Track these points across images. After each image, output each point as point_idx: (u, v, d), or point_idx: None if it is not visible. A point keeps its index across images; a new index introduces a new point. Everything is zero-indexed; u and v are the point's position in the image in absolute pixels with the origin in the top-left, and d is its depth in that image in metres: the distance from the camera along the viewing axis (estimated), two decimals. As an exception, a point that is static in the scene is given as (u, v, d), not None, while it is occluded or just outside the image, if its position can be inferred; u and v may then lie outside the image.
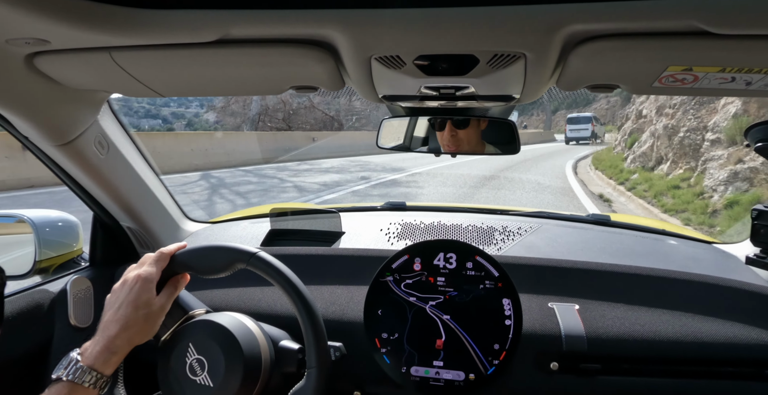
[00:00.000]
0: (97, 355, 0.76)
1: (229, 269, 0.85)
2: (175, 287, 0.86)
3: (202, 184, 10.25)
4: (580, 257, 1.25)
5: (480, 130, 1.25)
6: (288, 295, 0.83)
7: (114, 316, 0.79)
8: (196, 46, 0.66)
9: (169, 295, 0.84)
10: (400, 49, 0.65)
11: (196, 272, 0.86)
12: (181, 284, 0.88)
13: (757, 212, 1.01)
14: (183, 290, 0.90)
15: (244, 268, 0.85)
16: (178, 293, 0.88)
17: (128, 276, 0.84)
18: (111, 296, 0.83)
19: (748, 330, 1.04)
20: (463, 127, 1.23)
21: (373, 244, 1.39)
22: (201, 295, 1.19)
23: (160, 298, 0.83)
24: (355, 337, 1.05)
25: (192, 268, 0.86)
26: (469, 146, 1.26)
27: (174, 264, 0.86)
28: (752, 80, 0.69)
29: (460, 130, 1.23)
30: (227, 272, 0.86)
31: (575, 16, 0.54)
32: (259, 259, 0.84)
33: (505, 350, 1.00)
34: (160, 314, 0.83)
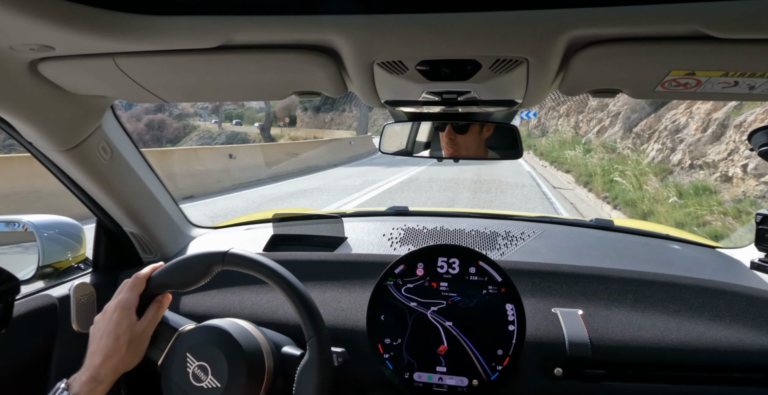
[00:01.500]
0: (82, 385, 0.77)
1: (207, 275, 0.85)
2: (157, 309, 0.86)
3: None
4: (583, 262, 1.24)
5: (482, 137, 1.25)
6: (271, 280, 0.83)
7: (97, 347, 0.81)
8: (199, 52, 0.67)
9: (152, 318, 0.84)
10: (402, 55, 0.65)
11: (176, 288, 0.86)
12: (164, 305, 0.87)
13: (762, 216, 1.01)
14: (168, 310, 0.90)
15: (222, 269, 0.85)
16: (163, 314, 0.88)
17: (108, 306, 0.85)
18: (93, 327, 0.84)
19: (754, 336, 1.04)
20: (462, 132, 1.23)
21: (376, 249, 1.38)
22: (200, 303, 1.19)
23: (142, 322, 0.83)
24: (358, 343, 1.05)
25: (170, 285, 0.86)
26: (468, 151, 1.26)
27: (151, 286, 0.86)
28: (755, 84, 0.69)
29: (459, 135, 1.23)
30: (206, 278, 0.86)
31: (577, 21, 0.54)
32: (232, 255, 0.84)
33: (508, 356, 1.00)
34: (143, 338, 0.83)
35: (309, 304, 0.83)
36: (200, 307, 1.18)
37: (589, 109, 18.65)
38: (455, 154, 1.26)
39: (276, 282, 0.83)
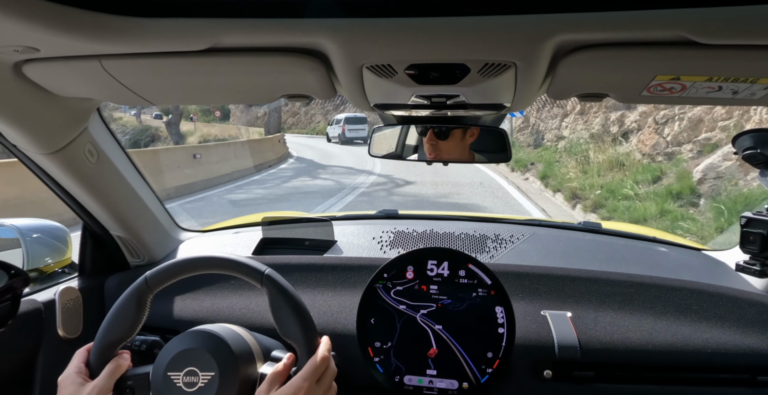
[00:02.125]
0: None
1: (143, 308, 0.85)
2: (114, 366, 0.82)
3: None
4: (571, 265, 1.25)
5: (465, 142, 1.25)
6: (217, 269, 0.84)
7: None
8: (187, 55, 0.66)
9: (108, 375, 0.80)
10: (391, 58, 0.65)
11: (123, 338, 0.84)
12: (121, 362, 0.83)
13: (746, 219, 1.02)
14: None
15: (152, 295, 0.85)
16: (125, 369, 0.84)
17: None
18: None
19: (740, 337, 1.05)
20: (443, 138, 1.23)
21: (366, 252, 1.38)
22: (188, 308, 1.18)
23: (97, 381, 0.79)
24: (349, 346, 1.05)
25: (116, 341, 0.83)
26: (451, 155, 1.27)
27: (98, 357, 0.83)
28: (738, 89, 0.70)
29: (441, 141, 1.24)
30: (144, 310, 0.85)
31: (564, 26, 0.55)
32: (154, 277, 0.84)
33: (498, 358, 1.00)
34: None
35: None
36: (188, 312, 1.17)
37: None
38: (438, 158, 1.27)
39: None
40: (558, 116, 15.08)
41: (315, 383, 0.76)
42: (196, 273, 0.85)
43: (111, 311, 0.85)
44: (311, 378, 0.76)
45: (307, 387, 0.74)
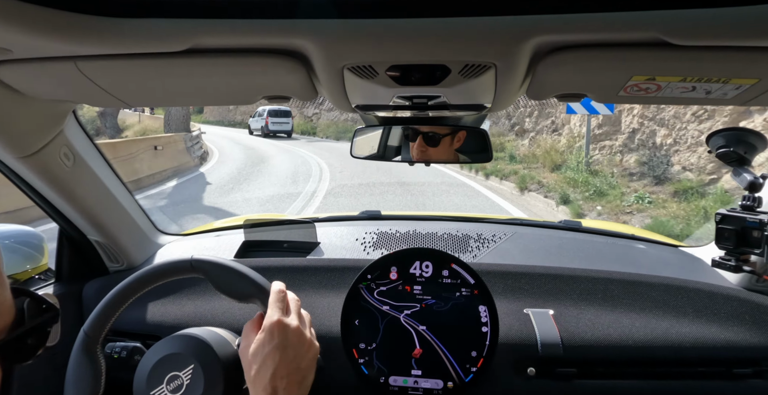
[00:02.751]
0: None
1: (98, 364, 0.81)
2: None
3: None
4: (553, 263, 1.27)
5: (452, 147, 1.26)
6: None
7: None
8: (165, 56, 0.65)
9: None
10: (372, 59, 0.65)
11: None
12: None
13: (721, 216, 1.05)
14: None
15: (99, 348, 0.81)
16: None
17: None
18: None
19: (716, 331, 1.07)
20: (434, 145, 1.23)
21: (349, 254, 1.38)
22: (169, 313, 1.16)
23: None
24: (334, 348, 1.04)
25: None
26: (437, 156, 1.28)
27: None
28: (711, 89, 0.71)
29: (431, 148, 1.24)
30: (100, 369, 0.81)
31: (542, 27, 0.55)
32: (93, 329, 0.81)
33: (482, 357, 1.01)
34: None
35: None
36: (169, 317, 1.15)
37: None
38: (425, 158, 1.27)
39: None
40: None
41: (285, 314, 0.74)
42: (133, 298, 0.82)
43: (66, 378, 0.81)
44: (278, 310, 0.74)
45: (277, 320, 0.72)
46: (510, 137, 15.29)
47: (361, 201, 8.46)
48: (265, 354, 0.70)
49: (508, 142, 14.90)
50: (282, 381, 0.69)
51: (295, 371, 0.71)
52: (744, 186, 0.99)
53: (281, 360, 0.70)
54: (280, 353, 0.70)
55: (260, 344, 0.71)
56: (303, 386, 0.72)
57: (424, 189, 9.51)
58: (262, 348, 0.71)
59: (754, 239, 0.99)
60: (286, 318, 0.73)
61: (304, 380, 0.72)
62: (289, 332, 0.72)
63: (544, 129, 14.19)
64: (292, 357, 0.71)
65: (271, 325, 0.72)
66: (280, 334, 0.71)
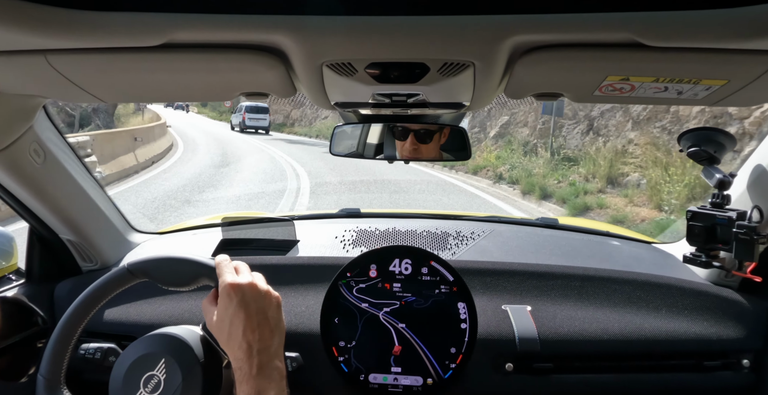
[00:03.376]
0: None
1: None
2: None
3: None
4: (530, 260, 1.28)
5: (438, 142, 1.27)
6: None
7: None
8: (140, 51, 0.64)
9: None
10: (351, 57, 0.65)
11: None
12: None
13: (692, 213, 1.08)
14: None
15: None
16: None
17: None
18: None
19: (687, 325, 1.10)
20: (424, 142, 1.25)
21: (329, 252, 1.38)
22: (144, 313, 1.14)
23: None
24: (313, 346, 1.04)
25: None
26: (424, 155, 1.28)
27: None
28: (683, 90, 0.73)
29: (422, 144, 1.25)
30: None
31: (520, 26, 0.56)
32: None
33: (461, 353, 1.02)
34: None
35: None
36: (145, 317, 1.13)
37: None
38: (412, 157, 1.28)
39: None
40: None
41: (236, 278, 0.75)
42: (83, 323, 0.79)
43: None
44: (227, 274, 0.75)
45: (229, 282, 0.73)
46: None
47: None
48: (230, 315, 0.71)
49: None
50: (254, 334, 0.70)
51: (264, 321, 0.72)
52: (714, 184, 1.02)
53: (246, 316, 0.71)
54: (244, 309, 0.71)
55: (222, 309, 0.73)
56: (277, 333, 0.73)
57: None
58: (225, 311, 0.72)
59: (723, 235, 1.02)
60: (237, 279, 0.74)
61: (276, 327, 0.73)
62: (245, 288, 0.73)
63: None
64: (256, 310, 0.72)
65: (225, 288, 0.73)
66: (237, 293, 0.72)
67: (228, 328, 0.71)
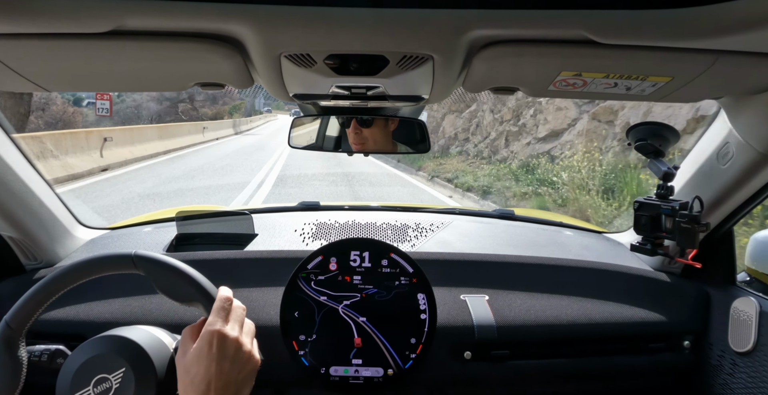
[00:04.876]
0: None
1: (17, 362, 0.75)
2: None
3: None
4: (488, 250, 1.31)
5: (388, 130, 1.27)
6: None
7: None
8: (88, 37, 0.61)
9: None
10: (310, 48, 0.64)
11: None
12: None
13: (639, 203, 1.12)
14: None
15: (23, 340, 0.76)
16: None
17: None
18: None
19: (634, 310, 1.16)
20: (367, 126, 1.24)
21: (288, 245, 1.36)
22: (94, 311, 1.09)
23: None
24: (274, 341, 1.03)
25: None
26: (377, 145, 1.28)
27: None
28: (631, 86, 0.76)
29: (365, 128, 1.25)
30: (20, 367, 0.75)
31: (478, 21, 0.57)
32: (16, 319, 0.75)
33: (421, 343, 1.03)
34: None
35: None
36: (96, 316, 1.09)
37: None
38: (364, 148, 1.27)
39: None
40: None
41: (226, 323, 0.71)
42: (65, 290, 0.76)
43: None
44: (220, 318, 0.71)
45: (218, 329, 0.69)
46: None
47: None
48: (201, 364, 0.67)
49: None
50: (216, 393, 0.66)
51: (230, 384, 0.68)
52: (659, 176, 1.07)
53: (217, 372, 0.67)
54: (216, 365, 0.67)
55: (197, 353, 0.68)
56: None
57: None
58: (197, 357, 0.68)
59: (666, 224, 1.07)
60: (226, 328, 0.70)
61: (238, 393, 0.69)
62: (228, 343, 0.69)
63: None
64: (228, 370, 0.68)
65: (210, 334, 0.69)
66: (219, 344, 0.68)
67: (193, 376, 0.67)
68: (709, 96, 0.88)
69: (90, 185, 9.37)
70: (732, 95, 0.90)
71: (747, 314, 1.07)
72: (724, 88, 0.83)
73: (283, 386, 1.06)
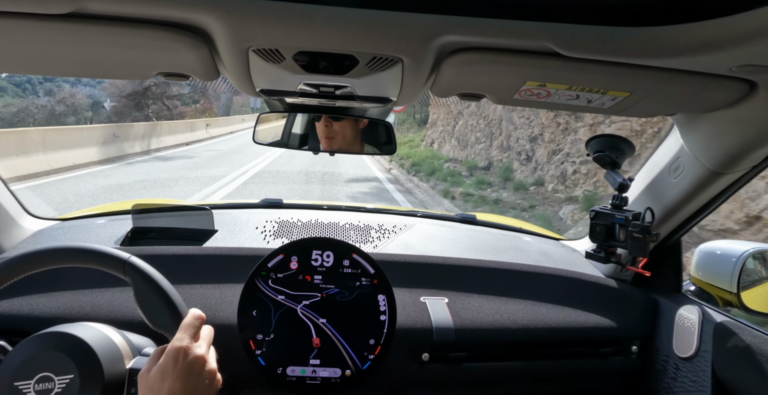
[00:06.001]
0: None
1: None
2: None
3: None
4: (449, 254, 1.33)
5: (358, 127, 1.27)
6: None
7: None
8: (45, 18, 0.58)
9: None
10: (279, 43, 0.63)
11: None
12: None
13: (595, 213, 1.16)
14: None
15: None
16: None
17: None
18: None
19: (587, 316, 1.20)
20: (338, 120, 1.24)
21: (248, 243, 1.34)
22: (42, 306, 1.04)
23: None
24: (230, 339, 1.01)
25: None
26: (345, 144, 1.28)
27: None
28: (592, 99, 0.79)
29: (336, 122, 1.24)
30: None
31: (449, 27, 0.57)
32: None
33: (380, 345, 1.03)
34: None
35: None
36: (42, 311, 1.04)
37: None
38: (332, 146, 1.27)
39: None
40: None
41: (194, 338, 0.71)
42: (45, 268, 0.74)
43: None
44: (188, 335, 0.70)
45: (185, 346, 0.69)
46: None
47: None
48: (166, 381, 0.66)
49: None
50: None
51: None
52: (615, 187, 1.11)
53: (181, 390, 0.66)
54: (181, 382, 0.66)
55: (162, 369, 0.67)
56: None
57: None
58: (162, 374, 0.67)
59: (620, 234, 1.11)
60: (193, 345, 0.70)
61: None
62: (195, 360, 0.68)
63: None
64: (193, 387, 0.67)
65: (176, 350, 0.68)
66: (184, 361, 0.68)
67: (156, 392, 0.66)
68: (664, 112, 0.92)
69: None
70: (685, 112, 0.94)
71: (691, 321, 1.12)
72: (678, 105, 0.87)
73: (239, 386, 1.04)
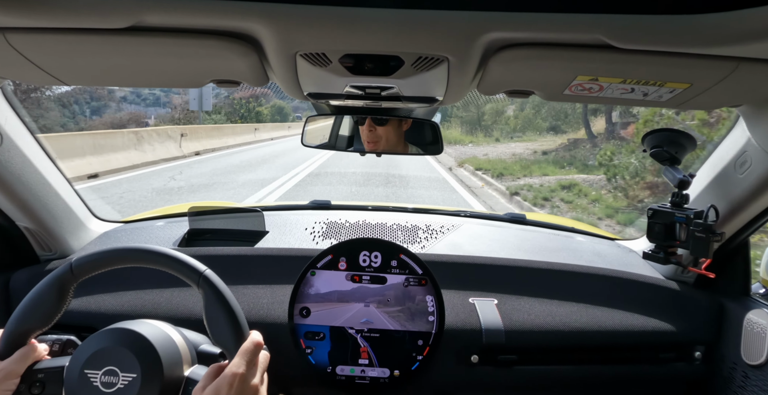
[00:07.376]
0: None
1: (64, 297, 0.78)
2: (26, 351, 0.76)
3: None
4: (498, 254, 1.31)
5: (401, 130, 1.27)
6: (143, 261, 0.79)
7: None
8: (106, 33, 0.62)
9: (19, 359, 0.75)
10: (325, 47, 0.64)
11: (38, 327, 0.78)
12: (36, 349, 0.78)
13: (653, 211, 1.11)
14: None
15: (76, 283, 0.79)
16: (39, 358, 0.78)
17: None
18: None
19: (645, 319, 1.15)
20: (381, 124, 1.25)
21: (298, 243, 1.37)
22: (106, 305, 1.11)
23: (5, 363, 0.74)
24: (280, 338, 1.04)
25: (30, 329, 0.78)
26: (389, 145, 1.28)
27: (7, 344, 0.76)
28: (648, 92, 0.76)
29: (379, 127, 1.25)
30: (66, 300, 0.79)
31: (495, 24, 0.57)
32: (79, 263, 0.78)
33: (428, 345, 1.03)
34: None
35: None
36: (107, 308, 1.10)
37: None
38: (376, 148, 1.27)
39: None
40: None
41: (251, 366, 0.73)
42: (126, 265, 0.79)
43: (27, 297, 0.77)
44: (245, 362, 0.73)
45: (241, 373, 0.71)
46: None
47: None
48: None
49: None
50: None
51: None
52: (674, 184, 1.06)
53: None
54: None
55: (215, 391, 0.69)
56: None
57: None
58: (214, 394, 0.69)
59: (680, 233, 1.05)
60: (248, 373, 0.72)
61: None
62: (247, 388, 0.71)
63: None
64: None
65: (232, 376, 0.70)
66: (239, 387, 0.70)
67: None
68: (729, 104, 0.87)
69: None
70: (752, 104, 0.89)
71: (761, 326, 1.05)
72: (744, 96, 0.82)
73: (288, 384, 1.07)
